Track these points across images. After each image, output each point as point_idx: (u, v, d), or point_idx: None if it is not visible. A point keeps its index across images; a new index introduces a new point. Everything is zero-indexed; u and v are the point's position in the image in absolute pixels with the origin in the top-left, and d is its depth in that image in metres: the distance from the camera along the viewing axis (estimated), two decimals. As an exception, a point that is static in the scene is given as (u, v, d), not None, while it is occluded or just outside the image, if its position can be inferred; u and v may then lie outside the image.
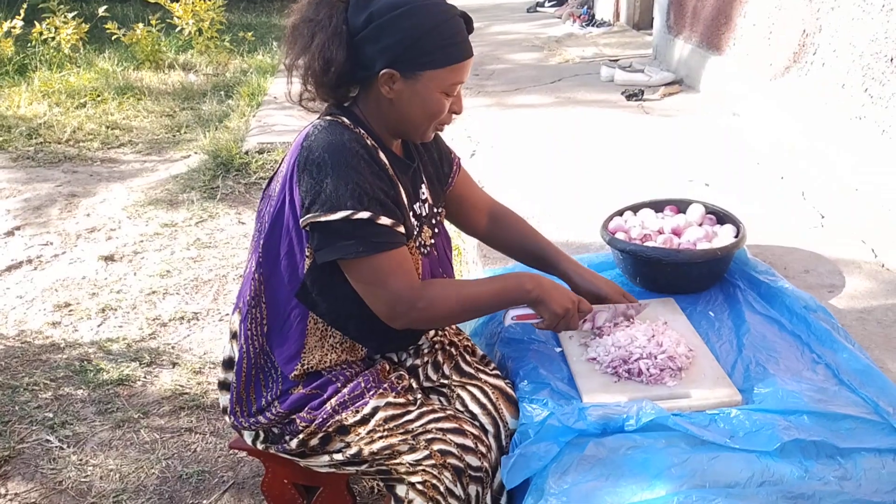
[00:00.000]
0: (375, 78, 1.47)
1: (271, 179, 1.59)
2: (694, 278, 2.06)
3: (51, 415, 2.53)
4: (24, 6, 6.99)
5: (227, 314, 3.08)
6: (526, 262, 1.92)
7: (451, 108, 1.53)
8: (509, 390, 1.70)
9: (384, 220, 1.45)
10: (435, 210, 1.69)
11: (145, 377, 2.72)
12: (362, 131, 1.50)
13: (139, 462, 2.34)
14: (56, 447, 2.40)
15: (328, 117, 1.51)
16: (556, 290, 1.62)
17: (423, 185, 1.66)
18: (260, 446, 1.63)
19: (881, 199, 2.87)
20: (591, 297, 1.76)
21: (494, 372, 1.75)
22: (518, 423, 1.60)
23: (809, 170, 3.26)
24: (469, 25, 1.53)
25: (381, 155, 1.51)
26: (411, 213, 1.58)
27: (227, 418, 1.66)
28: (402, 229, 1.49)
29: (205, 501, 2.19)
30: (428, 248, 1.62)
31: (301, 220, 1.45)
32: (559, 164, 3.54)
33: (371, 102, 1.52)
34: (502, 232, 1.90)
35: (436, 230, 1.67)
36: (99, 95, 6.15)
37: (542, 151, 3.73)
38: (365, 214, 1.42)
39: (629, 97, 4.56)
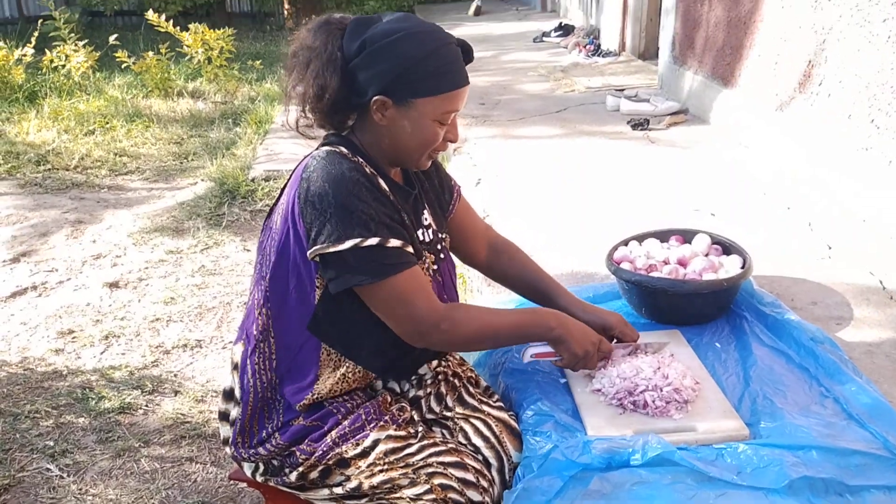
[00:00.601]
0: (369, 105, 1.47)
1: (272, 210, 1.58)
2: (700, 309, 2.04)
3: (51, 443, 2.52)
4: (36, 34, 7.07)
5: (231, 342, 3.06)
6: (525, 295, 1.91)
7: (445, 137, 1.53)
8: (513, 423, 1.67)
9: (394, 243, 1.45)
10: (439, 236, 1.69)
11: (147, 405, 2.70)
12: (361, 159, 1.50)
13: (139, 492, 2.31)
14: (56, 476, 2.38)
15: (326, 147, 1.52)
16: (579, 331, 1.62)
17: (425, 211, 1.66)
18: (260, 478, 1.61)
19: (889, 230, 2.85)
20: (597, 328, 1.75)
21: (498, 404, 1.73)
22: (521, 456, 1.58)
23: (816, 200, 3.25)
24: (468, 55, 1.53)
25: (381, 182, 1.51)
26: (416, 239, 1.58)
27: (227, 449, 1.65)
28: (411, 249, 1.49)
29: (204, 533, 2.17)
30: (432, 274, 1.61)
31: (309, 253, 1.45)
32: (564, 193, 3.53)
33: (367, 130, 1.53)
34: (502, 263, 1.89)
35: (440, 256, 1.66)
36: (108, 122, 6.20)
37: (547, 180, 3.73)
38: (374, 240, 1.42)
39: (635, 126, 4.57)
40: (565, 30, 8.47)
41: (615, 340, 1.78)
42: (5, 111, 6.45)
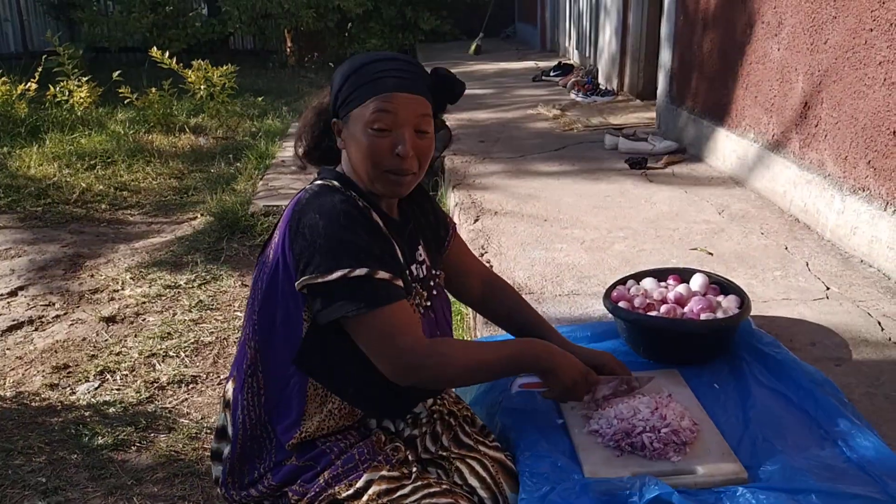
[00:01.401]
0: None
1: (265, 246, 1.59)
2: (698, 349, 2.03)
3: (44, 479, 2.49)
4: (40, 70, 7.14)
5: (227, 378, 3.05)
6: (515, 335, 1.91)
7: (394, 151, 1.49)
8: (509, 463, 1.66)
9: (382, 275, 1.44)
10: (433, 272, 1.68)
11: (140, 442, 2.68)
12: (353, 193, 1.51)
13: (130, 531, 2.28)
14: (46, 514, 2.35)
15: (319, 181, 1.53)
16: (567, 361, 1.62)
17: (419, 247, 1.66)
18: (251, 520, 1.59)
19: (886, 271, 2.85)
20: (590, 367, 1.75)
21: (494, 444, 1.72)
22: (518, 498, 1.56)
23: (814, 240, 3.25)
24: (448, 89, 1.56)
25: (374, 215, 1.51)
26: (408, 274, 1.58)
27: (218, 490, 1.63)
28: (400, 283, 1.49)
29: (195, 574, 2.13)
30: (424, 310, 1.61)
31: (297, 284, 1.45)
32: (562, 231, 3.54)
33: (345, 161, 1.58)
34: (495, 302, 1.90)
35: (434, 292, 1.66)
36: (109, 157, 6.23)
37: (545, 218, 3.74)
38: (362, 271, 1.42)
39: (633, 165, 4.59)
40: (564, 69, 8.56)
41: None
42: (7, 145, 6.49)
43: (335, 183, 1.52)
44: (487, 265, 3.09)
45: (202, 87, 7.51)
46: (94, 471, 2.53)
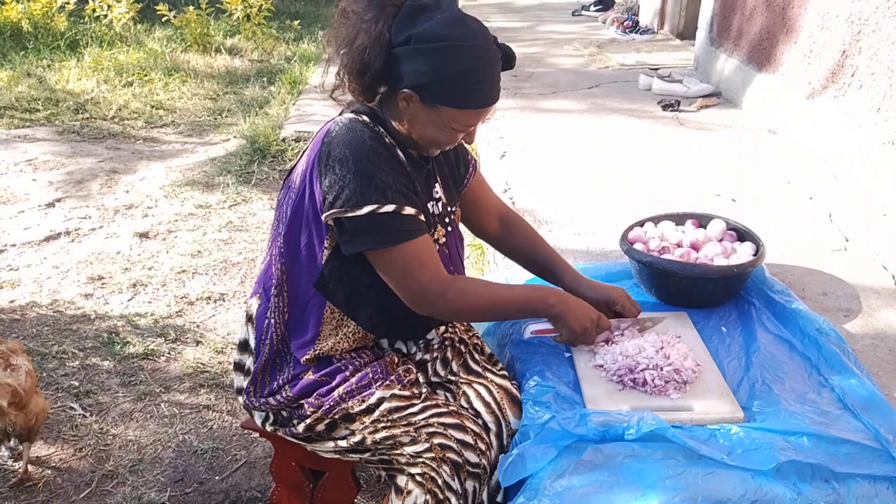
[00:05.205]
0: (398, 92, 1.50)
1: (291, 171, 1.64)
2: (708, 293, 2.07)
3: (76, 383, 2.63)
4: (80, -17, 7.16)
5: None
6: (530, 270, 1.96)
7: (462, 138, 1.58)
8: (514, 391, 1.73)
9: (408, 210, 1.50)
10: (449, 209, 1.73)
11: (169, 353, 2.80)
12: (382, 130, 1.55)
13: (157, 434, 2.42)
14: (79, 414, 2.49)
15: (350, 115, 1.56)
16: (579, 308, 1.68)
17: (436, 185, 1.70)
18: (269, 428, 1.69)
19: (909, 226, 2.85)
20: (601, 304, 1.80)
21: (502, 372, 1.79)
22: (520, 424, 1.64)
23: (839, 192, 3.24)
24: (509, 63, 1.55)
25: (399, 153, 1.56)
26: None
27: (239, 398, 1.73)
28: (423, 218, 1.54)
29: (217, 477, 2.27)
30: (439, 246, 1.67)
31: (324, 216, 1.50)
32: (588, 170, 3.55)
33: (393, 107, 1.56)
34: (511, 237, 1.94)
35: (448, 229, 1.71)
36: (146, 75, 6.29)
37: (572, 157, 3.75)
38: (390, 207, 1.47)
39: (665, 107, 4.55)
40: (605, 4, 8.37)
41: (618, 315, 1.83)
42: (47, 58, 6.56)
43: (364, 117, 1.55)
44: (510, 201, 3.13)
45: (239, 7, 7.48)
46: (124, 377, 2.67)
